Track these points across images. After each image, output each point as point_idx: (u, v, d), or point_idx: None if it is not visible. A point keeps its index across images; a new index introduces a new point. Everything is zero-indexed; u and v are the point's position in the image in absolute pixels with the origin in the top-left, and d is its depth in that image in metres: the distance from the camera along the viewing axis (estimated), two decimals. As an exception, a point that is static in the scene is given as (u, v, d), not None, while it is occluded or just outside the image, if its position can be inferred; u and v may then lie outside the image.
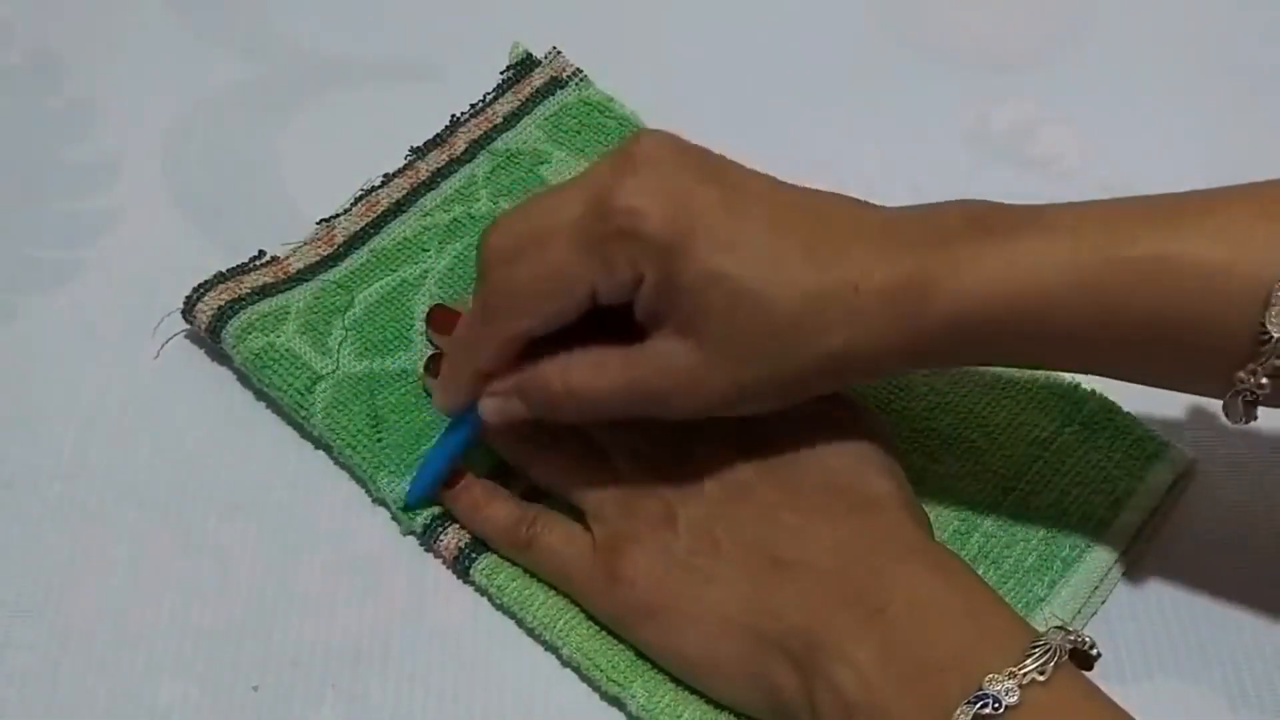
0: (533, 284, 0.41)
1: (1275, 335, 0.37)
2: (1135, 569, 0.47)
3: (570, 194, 0.41)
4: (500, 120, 0.57)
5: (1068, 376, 0.50)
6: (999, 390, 0.50)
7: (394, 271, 0.52)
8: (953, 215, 0.41)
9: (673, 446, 0.45)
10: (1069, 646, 0.38)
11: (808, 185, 0.57)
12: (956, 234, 0.40)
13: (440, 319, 0.50)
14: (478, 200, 0.55)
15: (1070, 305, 0.39)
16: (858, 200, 0.43)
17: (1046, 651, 0.37)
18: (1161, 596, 0.46)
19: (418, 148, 0.56)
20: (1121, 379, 0.43)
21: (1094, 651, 0.39)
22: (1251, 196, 0.39)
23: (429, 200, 0.55)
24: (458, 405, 0.45)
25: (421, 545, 0.47)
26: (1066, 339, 0.40)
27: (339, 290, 0.52)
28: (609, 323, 0.42)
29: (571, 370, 0.42)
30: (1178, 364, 0.40)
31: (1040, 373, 0.50)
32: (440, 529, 0.46)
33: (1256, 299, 0.37)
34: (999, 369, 0.50)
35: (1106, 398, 0.49)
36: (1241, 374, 0.38)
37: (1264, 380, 0.38)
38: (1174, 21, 0.64)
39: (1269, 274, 0.37)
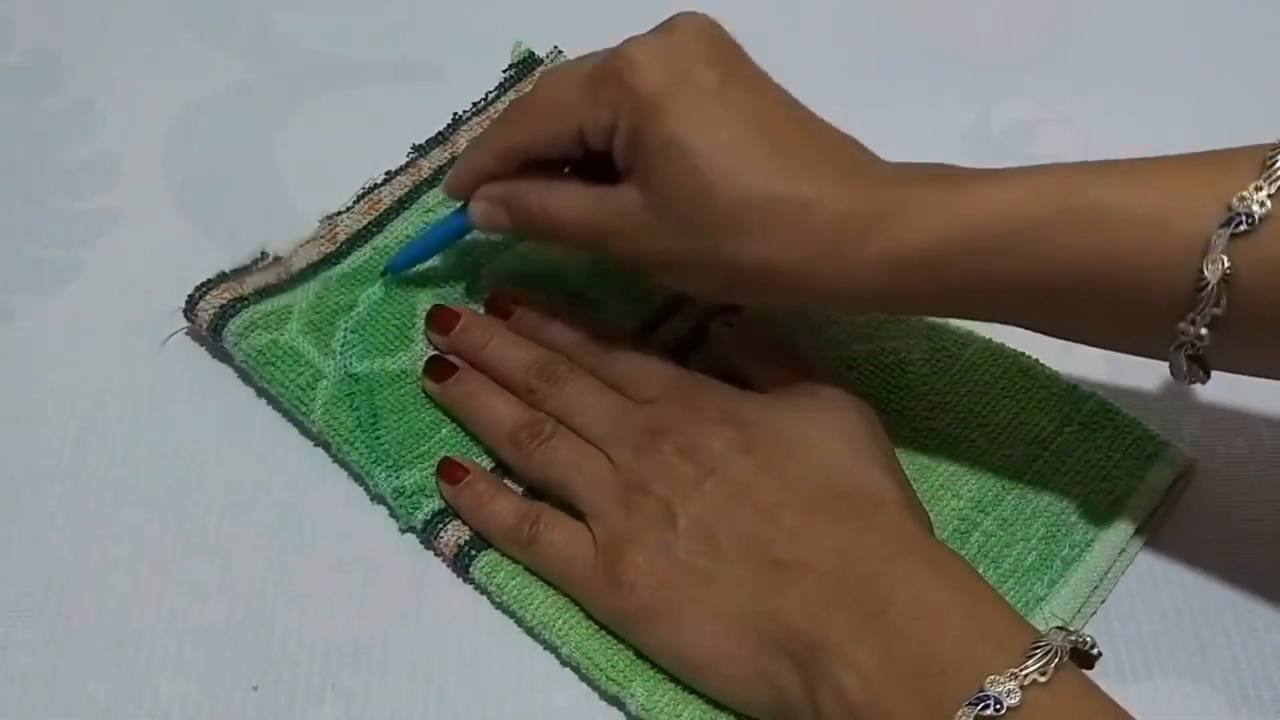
0: (539, 106, 0.46)
1: (1211, 282, 0.37)
2: (1135, 568, 0.47)
3: (603, 52, 0.45)
4: (503, 118, 0.57)
5: (1067, 378, 0.50)
6: (999, 390, 0.50)
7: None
8: (925, 167, 0.43)
9: (674, 445, 0.45)
10: (1070, 646, 0.38)
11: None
12: (917, 180, 0.42)
13: (440, 318, 0.50)
14: (480, 198, 0.55)
15: (1011, 253, 0.40)
16: (855, 140, 0.44)
17: (1047, 652, 0.37)
18: (1161, 596, 0.46)
19: (420, 145, 0.56)
20: (1065, 336, 0.43)
21: (1094, 651, 0.39)
22: (1204, 157, 0.40)
23: (431, 197, 0.55)
24: (458, 192, 0.50)
25: (421, 542, 0.47)
26: (1006, 288, 0.41)
27: (342, 289, 0.52)
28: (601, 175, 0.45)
29: (550, 194, 0.46)
30: (1120, 317, 0.40)
31: (1040, 373, 0.50)
32: (440, 526, 0.46)
33: (1195, 248, 0.38)
34: (1000, 368, 0.50)
35: (1106, 399, 0.49)
36: (1182, 324, 0.39)
37: (1203, 331, 0.38)
38: (1174, 21, 0.64)
39: (1207, 223, 0.38)
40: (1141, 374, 0.52)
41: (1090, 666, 0.39)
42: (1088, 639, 0.39)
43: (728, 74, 0.43)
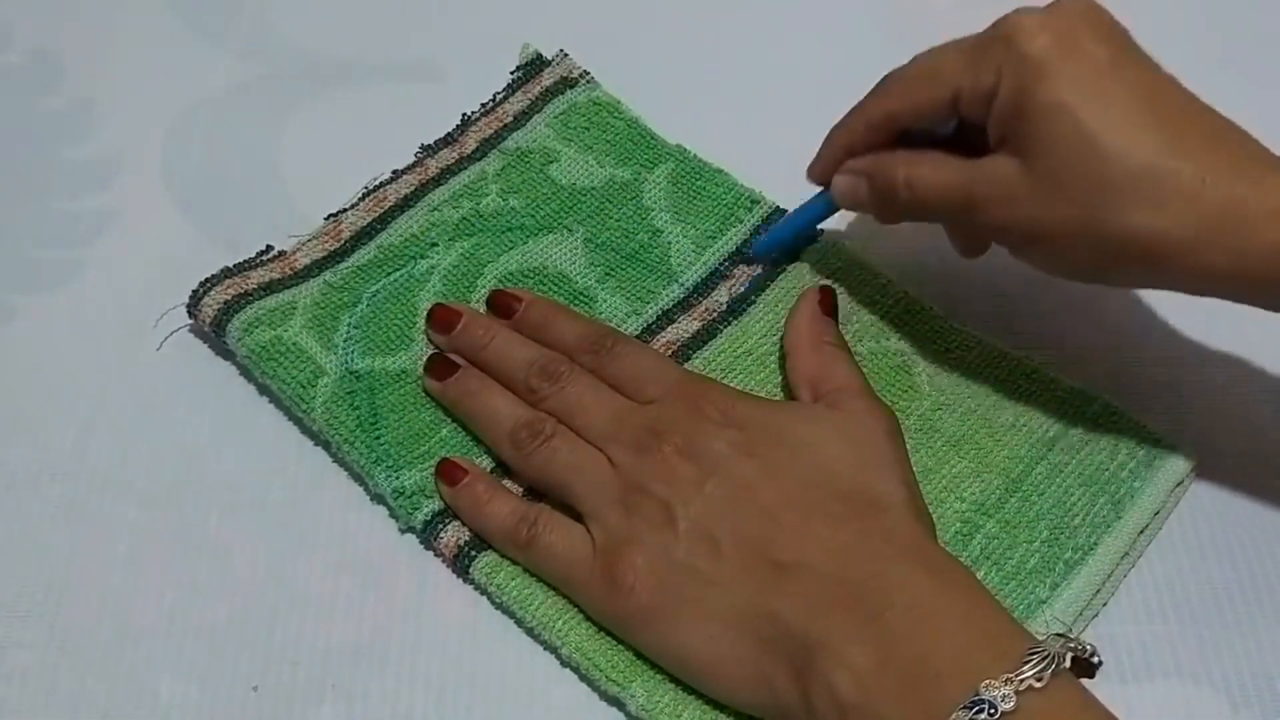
0: (914, 73, 0.47)
1: None
2: (1136, 569, 0.47)
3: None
4: (510, 119, 0.57)
5: (1071, 380, 0.50)
6: (1003, 392, 0.50)
7: (401, 268, 0.53)
8: None
9: (674, 446, 0.45)
10: (1069, 654, 0.38)
11: (807, 185, 0.57)
12: None
13: (440, 317, 0.50)
14: (486, 196, 0.55)
15: None
16: (1241, 128, 0.44)
17: (1045, 658, 0.37)
18: (1161, 596, 0.46)
19: (428, 145, 0.56)
20: None
21: (1095, 659, 0.39)
22: None
23: (436, 196, 0.55)
24: (822, 175, 0.50)
25: (421, 543, 0.47)
26: None
27: (346, 286, 0.52)
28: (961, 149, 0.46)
29: (915, 165, 0.46)
30: None
31: (1044, 374, 0.50)
32: (440, 526, 0.46)
33: None
34: (1004, 370, 0.50)
35: (1109, 400, 0.49)
36: None
37: None
38: (1174, 21, 0.64)
39: None
40: (1144, 375, 0.52)
41: (1091, 675, 0.39)
42: (1088, 647, 0.39)
43: (1118, 49, 0.43)
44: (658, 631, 0.43)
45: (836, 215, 0.56)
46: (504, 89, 0.59)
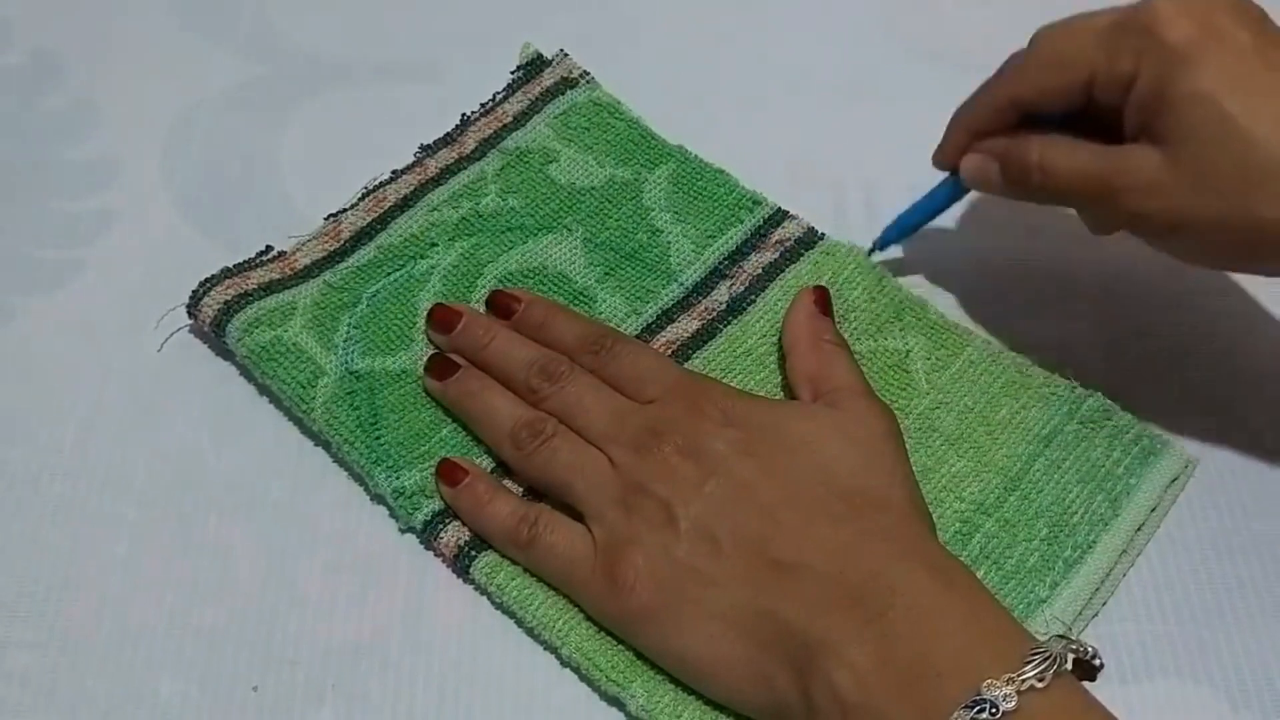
0: (1042, 55, 0.46)
1: None
2: (1135, 569, 0.47)
3: (1119, 6, 0.45)
4: (510, 119, 0.57)
5: (1066, 376, 0.50)
6: (999, 389, 0.50)
7: (400, 268, 0.53)
8: None
9: (675, 446, 0.44)
10: (1070, 655, 0.38)
11: (807, 185, 0.57)
12: None
13: (440, 317, 0.50)
14: (486, 196, 0.55)
15: None
16: None
17: (1046, 659, 0.37)
18: (1161, 596, 0.46)
19: (428, 145, 0.56)
20: None
21: (1096, 662, 0.39)
22: None
23: (436, 196, 0.55)
24: (948, 159, 0.50)
25: (421, 543, 0.47)
26: None
27: (346, 286, 0.52)
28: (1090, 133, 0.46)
29: (1049, 148, 0.46)
30: None
31: (1039, 371, 0.50)
32: (440, 526, 0.46)
33: None
34: (999, 367, 0.50)
35: (1104, 397, 0.49)
36: None
37: None
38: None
39: None
40: (1141, 372, 0.52)
41: (1093, 678, 0.39)
42: (1089, 649, 0.39)
43: (1261, 34, 0.43)
44: (658, 631, 0.43)
45: (833, 218, 0.56)
46: (504, 89, 0.59)
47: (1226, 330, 0.53)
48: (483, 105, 0.58)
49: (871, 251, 0.53)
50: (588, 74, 0.59)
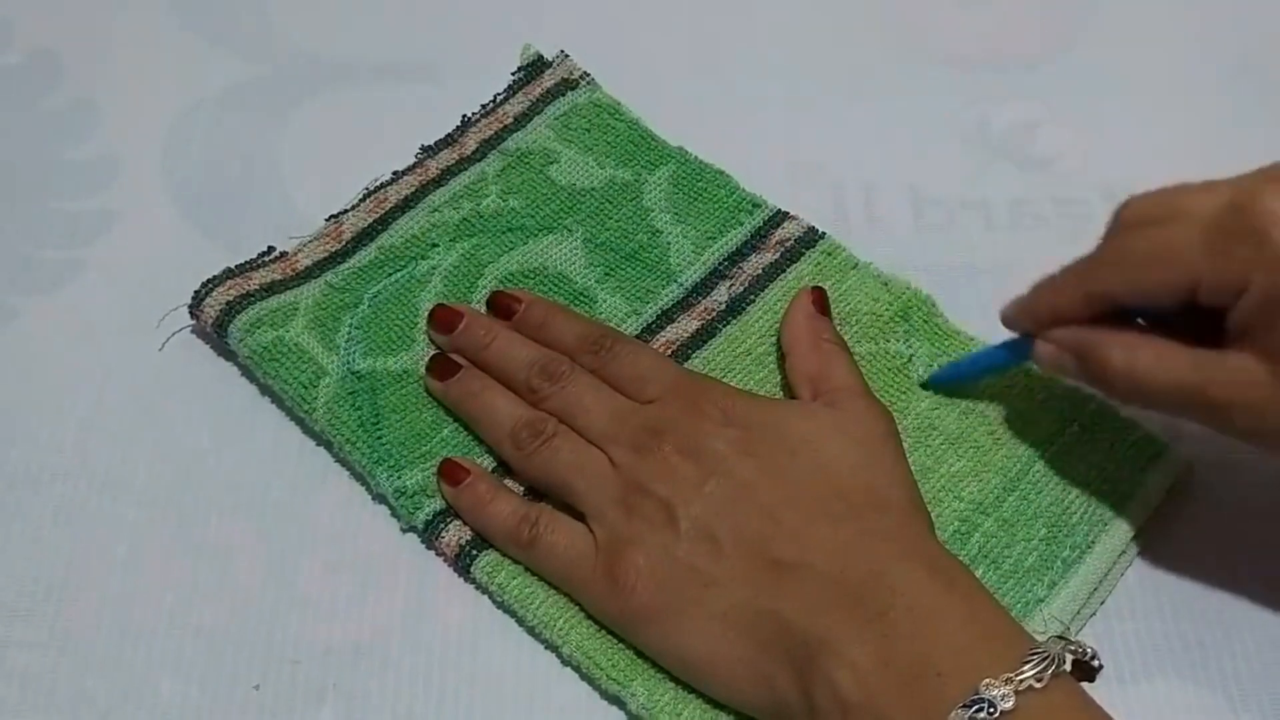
0: (1144, 252, 0.42)
1: None
2: (1135, 569, 0.47)
3: (1220, 188, 0.41)
4: (511, 120, 0.57)
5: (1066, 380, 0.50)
6: (1000, 391, 0.50)
7: (402, 269, 0.53)
8: None
9: (675, 446, 0.45)
10: (1069, 656, 0.38)
11: (807, 185, 0.57)
12: None
13: (442, 318, 0.50)
14: (487, 197, 0.55)
15: None
16: None
17: (1044, 659, 0.37)
18: (1161, 596, 0.46)
19: (428, 146, 0.57)
20: None
21: (1095, 663, 0.39)
22: None
23: (437, 197, 0.55)
24: (1019, 327, 0.47)
25: (423, 542, 0.47)
26: None
27: (347, 287, 0.52)
28: (1178, 326, 0.42)
29: (1137, 350, 0.42)
30: None
31: (1039, 375, 0.50)
32: (442, 526, 0.47)
33: None
34: (999, 372, 0.50)
35: (1106, 400, 0.49)
36: None
37: None
38: (1174, 22, 0.64)
39: None
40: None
41: (1091, 679, 0.39)
42: (1088, 650, 0.39)
43: None
44: (659, 631, 0.43)
45: (831, 215, 0.56)
46: (504, 90, 0.59)
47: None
48: (483, 106, 0.58)
49: (926, 385, 0.50)
50: (588, 75, 0.59)
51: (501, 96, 0.58)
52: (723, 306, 0.52)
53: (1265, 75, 0.62)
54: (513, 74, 0.59)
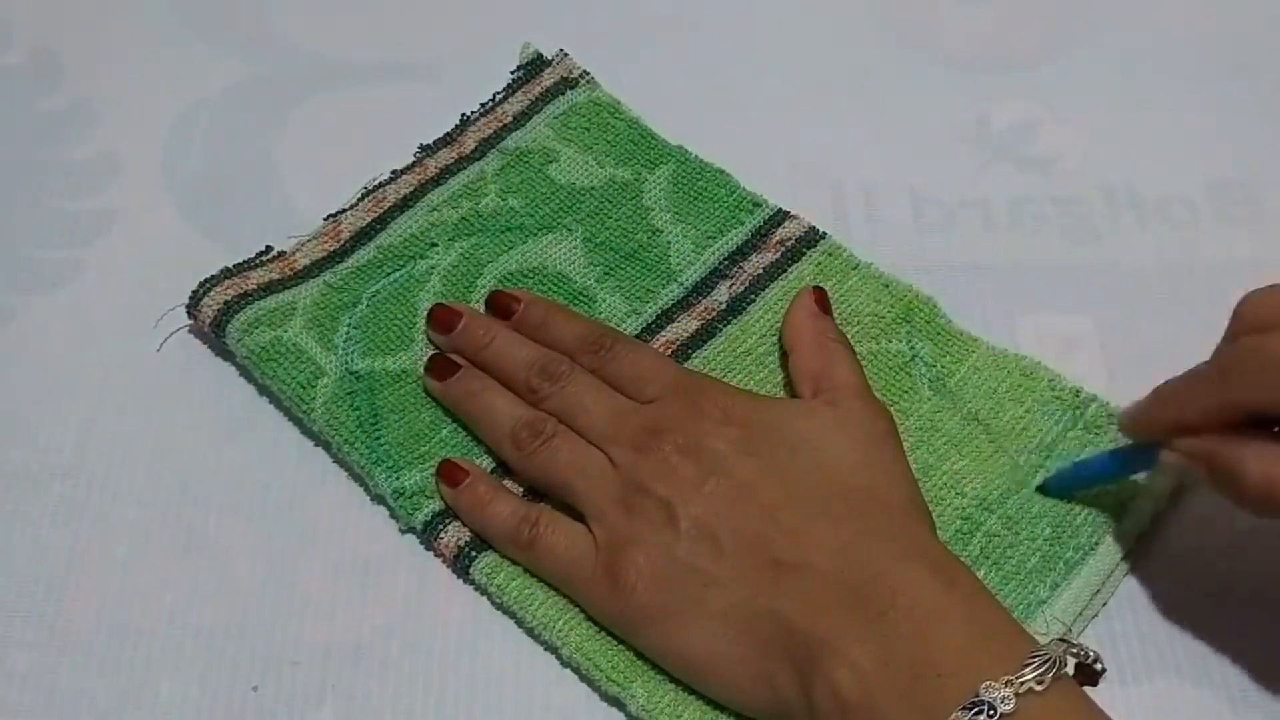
0: (1276, 360, 0.39)
1: None
2: (1136, 570, 0.47)
3: None
4: (510, 119, 0.57)
5: (1070, 381, 0.50)
6: (1003, 394, 0.50)
7: (400, 268, 0.53)
8: None
9: (675, 445, 0.44)
10: (1071, 659, 0.38)
11: (807, 185, 0.57)
12: None
13: (441, 317, 0.50)
14: (486, 196, 0.55)
15: None
16: None
17: (1045, 662, 0.37)
18: (1162, 597, 0.46)
19: (427, 145, 0.57)
20: None
21: (1098, 666, 0.39)
22: None
23: (436, 196, 0.55)
24: (1140, 434, 0.45)
25: (422, 543, 0.47)
26: None
27: (345, 287, 0.52)
28: None
29: (1274, 462, 0.39)
30: None
31: (1043, 377, 0.50)
32: (441, 527, 0.46)
33: None
34: (1004, 372, 0.50)
35: (1108, 402, 0.49)
36: None
37: None
38: (1174, 22, 0.64)
39: None
40: (1143, 376, 0.51)
41: (1094, 682, 0.39)
42: (1090, 653, 0.39)
43: None
44: (659, 631, 0.43)
45: (831, 215, 0.56)
46: (504, 89, 0.59)
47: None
48: (482, 105, 0.58)
49: (1041, 490, 0.48)
50: (588, 74, 0.59)
51: (501, 95, 0.58)
52: (723, 306, 0.52)
53: (1265, 75, 0.62)
54: (512, 72, 0.59)
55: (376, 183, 0.55)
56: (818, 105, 0.61)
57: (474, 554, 0.46)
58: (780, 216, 0.55)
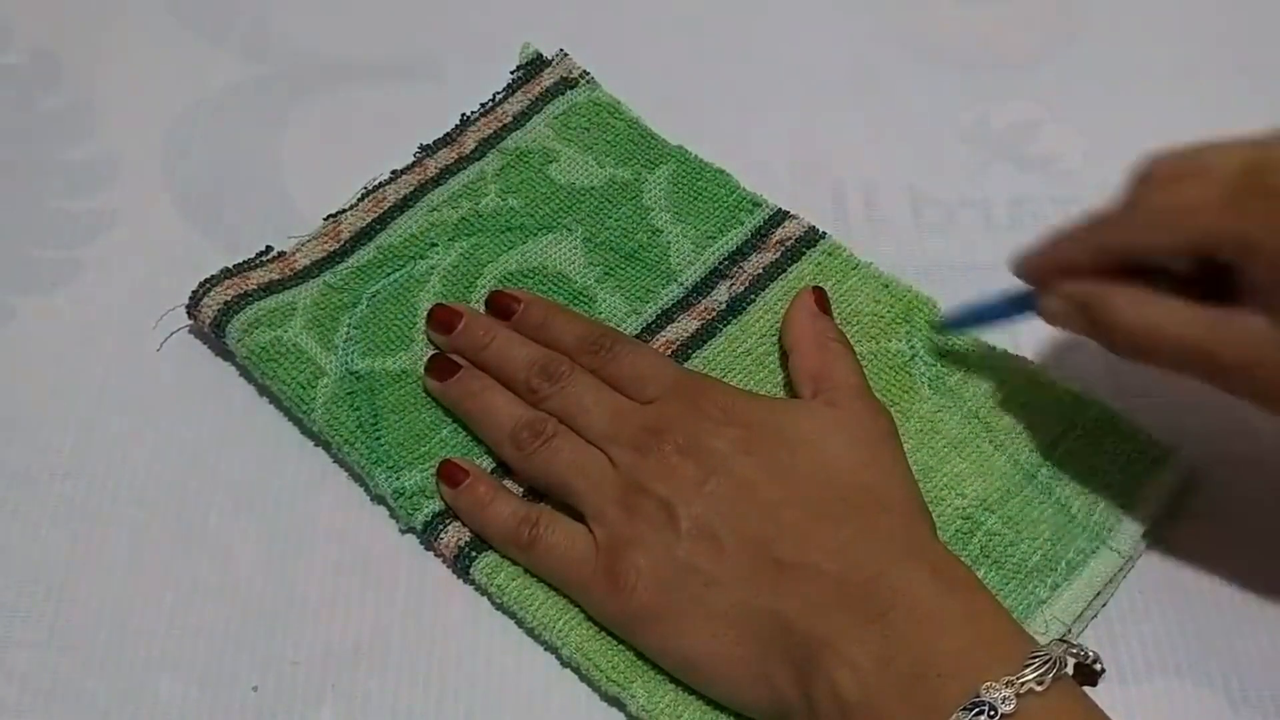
0: (1163, 210, 0.41)
1: None
2: (1137, 570, 0.47)
3: (1242, 148, 0.40)
4: (510, 119, 0.57)
5: (1070, 383, 0.50)
6: (1003, 396, 0.50)
7: (400, 268, 0.53)
8: None
9: (675, 445, 0.44)
10: (1071, 659, 0.38)
11: (807, 185, 0.57)
12: None
13: (441, 318, 0.50)
14: (486, 196, 0.55)
15: None
16: None
17: (1045, 662, 0.37)
18: (1162, 597, 0.46)
19: (427, 145, 0.57)
20: None
21: (1097, 666, 0.39)
22: None
23: (436, 196, 0.55)
24: (1028, 276, 0.46)
25: (422, 543, 0.47)
26: None
27: (345, 287, 0.52)
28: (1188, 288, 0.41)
29: (1146, 306, 0.41)
30: None
31: (1043, 379, 0.50)
32: (441, 527, 0.46)
33: None
34: (1004, 374, 0.50)
35: (1108, 405, 0.49)
36: None
37: None
38: (1174, 21, 0.64)
39: None
40: (1143, 377, 0.51)
41: (1094, 683, 0.39)
42: (1090, 653, 0.39)
43: None
44: (659, 631, 0.43)
45: (831, 215, 0.56)
46: (504, 89, 0.59)
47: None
48: (482, 105, 0.58)
49: (939, 329, 0.50)
50: (588, 74, 0.59)
51: (501, 95, 0.58)
52: (723, 306, 0.52)
53: (1265, 74, 0.62)
54: (512, 72, 0.59)
55: (376, 183, 0.55)
56: (818, 105, 0.61)
57: (474, 554, 0.46)
58: (780, 216, 0.55)
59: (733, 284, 0.53)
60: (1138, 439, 0.48)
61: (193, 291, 0.51)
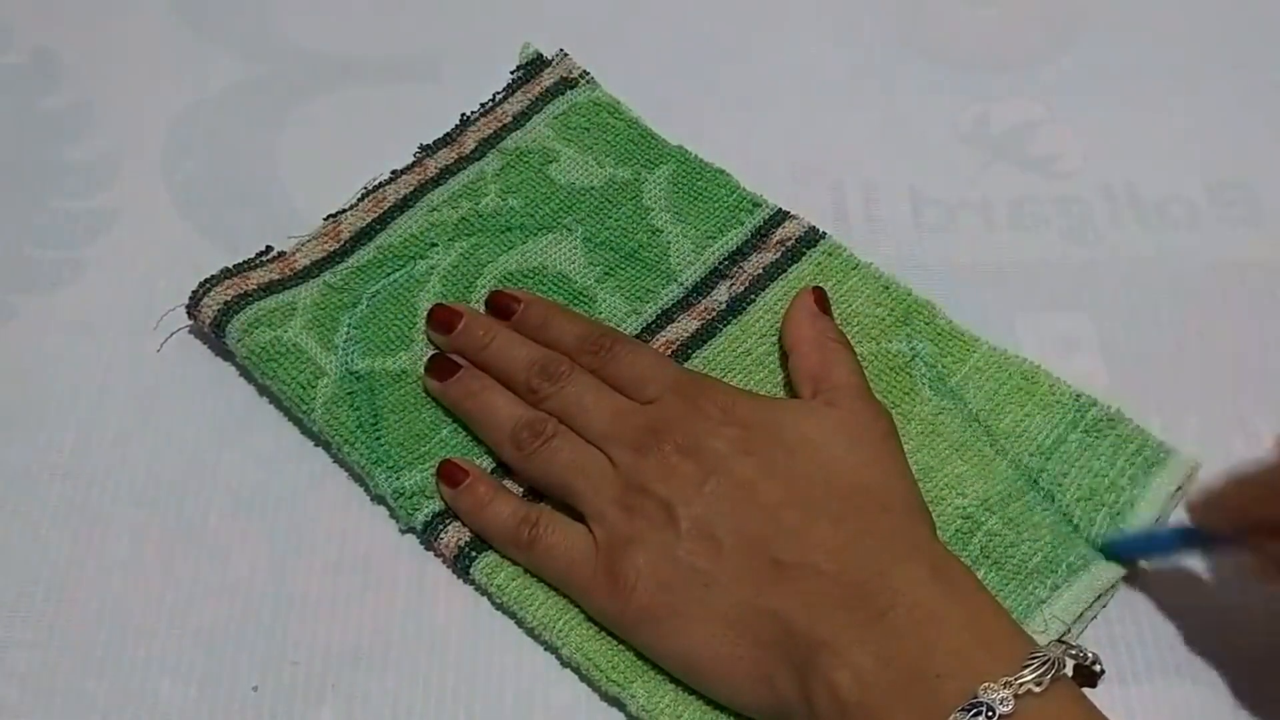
0: None
1: None
2: (1136, 571, 0.47)
3: None
4: (510, 119, 0.57)
5: (1070, 383, 0.50)
6: (1003, 396, 0.50)
7: (400, 268, 0.53)
8: None
9: (675, 445, 0.44)
10: (1070, 660, 0.38)
11: (807, 185, 0.57)
12: None
13: (441, 318, 0.50)
14: (486, 196, 0.55)
15: None
16: None
17: (1044, 664, 0.37)
18: (1161, 598, 0.46)
19: (427, 145, 0.57)
20: None
21: (1097, 667, 0.39)
22: None
23: (436, 196, 0.55)
24: (1212, 526, 0.43)
25: (422, 543, 0.47)
26: None
27: (345, 287, 0.52)
28: None
29: None
30: None
31: (1044, 380, 0.50)
32: (441, 527, 0.47)
33: None
34: (1004, 374, 0.50)
35: (1108, 405, 0.49)
36: None
37: None
38: (1174, 21, 0.64)
39: None
40: (1143, 376, 0.52)
41: (1093, 684, 0.39)
42: (1090, 654, 0.39)
43: None
44: (659, 631, 0.43)
45: (831, 215, 0.56)
46: (504, 89, 0.59)
47: (1227, 330, 0.53)
48: (482, 105, 0.58)
49: (1102, 550, 0.46)
50: (588, 74, 0.59)
51: (500, 95, 0.58)
52: (723, 306, 0.52)
53: (1264, 75, 0.62)
54: (512, 72, 0.59)
55: (376, 183, 0.55)
56: (818, 105, 0.61)
57: (474, 554, 0.46)
58: (780, 216, 0.55)
59: (733, 284, 0.53)
60: (1138, 439, 0.48)
61: (193, 291, 0.51)
